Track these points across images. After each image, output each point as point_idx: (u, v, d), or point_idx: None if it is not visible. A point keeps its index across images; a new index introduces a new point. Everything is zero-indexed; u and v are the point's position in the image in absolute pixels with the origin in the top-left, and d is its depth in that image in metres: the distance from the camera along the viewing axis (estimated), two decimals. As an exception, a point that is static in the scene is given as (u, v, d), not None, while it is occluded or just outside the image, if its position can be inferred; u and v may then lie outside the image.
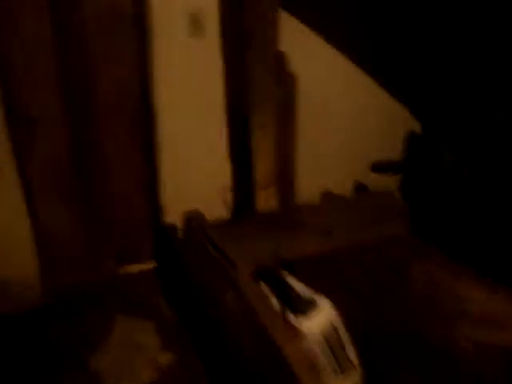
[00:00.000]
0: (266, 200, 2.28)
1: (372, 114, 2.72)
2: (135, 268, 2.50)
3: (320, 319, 1.56)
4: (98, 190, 2.34)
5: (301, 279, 1.73)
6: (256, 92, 2.16)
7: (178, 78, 2.28)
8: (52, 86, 2.12)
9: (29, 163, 2.15)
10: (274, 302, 1.65)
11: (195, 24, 2.21)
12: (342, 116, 2.65)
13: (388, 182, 2.81)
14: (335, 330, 1.58)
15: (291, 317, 1.57)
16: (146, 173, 2.40)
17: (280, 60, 2.21)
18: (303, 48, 2.37)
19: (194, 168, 2.43)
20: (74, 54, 2.13)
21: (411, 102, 2.71)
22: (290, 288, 1.67)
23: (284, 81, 2.25)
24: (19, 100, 2.08)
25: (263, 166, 2.28)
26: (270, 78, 2.17)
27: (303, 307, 1.58)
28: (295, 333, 1.54)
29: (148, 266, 2.52)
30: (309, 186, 2.62)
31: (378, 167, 2.76)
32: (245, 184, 2.35)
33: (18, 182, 2.14)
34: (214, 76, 2.32)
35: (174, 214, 2.44)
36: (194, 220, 2.14)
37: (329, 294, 1.64)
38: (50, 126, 2.15)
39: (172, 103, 2.31)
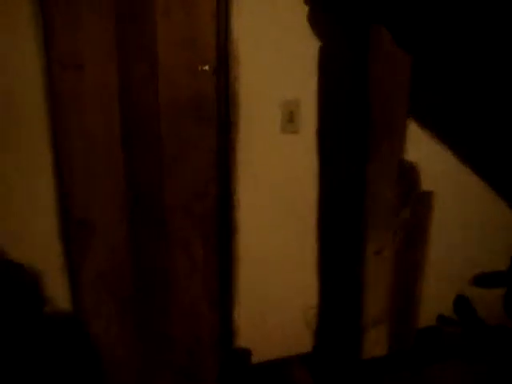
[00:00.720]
0: (375, 340, 1.80)
1: (481, 223, 2.27)
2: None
3: None
4: (161, 304, 1.99)
5: None
6: (375, 212, 1.70)
7: (263, 179, 1.94)
8: (114, 186, 1.80)
9: (81, 274, 1.84)
10: None
11: (289, 118, 1.81)
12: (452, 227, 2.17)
13: (492, 296, 2.41)
14: None
15: None
16: (218, 287, 2.02)
17: (410, 173, 1.73)
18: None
19: (274, 286, 2.06)
20: (142, 151, 1.80)
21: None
22: None
23: (414, 197, 1.77)
24: (75, 202, 1.78)
25: (374, 299, 1.81)
26: (393, 194, 1.70)
27: None
28: None
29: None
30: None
31: (482, 280, 2.37)
32: (347, 319, 1.87)
33: (67, 293, 1.83)
34: (307, 180, 1.95)
35: (248, 337, 2.09)
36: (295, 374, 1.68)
37: None
38: (107, 232, 1.85)
39: (254, 208, 1.96)
